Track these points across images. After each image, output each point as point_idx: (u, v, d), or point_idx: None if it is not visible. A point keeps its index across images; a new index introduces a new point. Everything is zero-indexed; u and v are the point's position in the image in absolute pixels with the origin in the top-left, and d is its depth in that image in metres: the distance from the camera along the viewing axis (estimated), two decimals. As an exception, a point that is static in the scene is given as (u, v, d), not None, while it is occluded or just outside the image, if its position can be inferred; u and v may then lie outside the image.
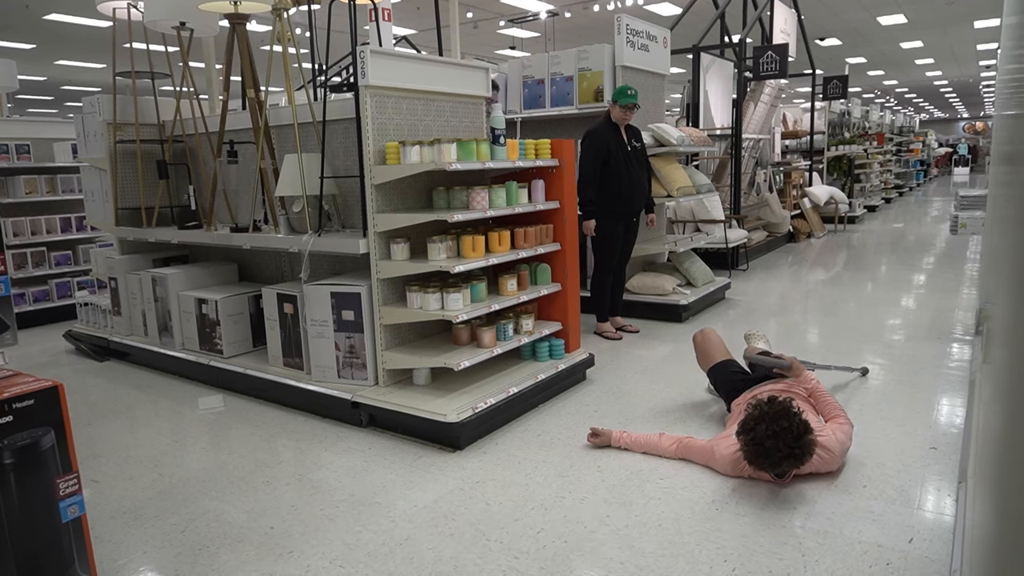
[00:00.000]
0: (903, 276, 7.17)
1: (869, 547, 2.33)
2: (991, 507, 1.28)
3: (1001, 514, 1.08)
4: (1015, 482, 0.94)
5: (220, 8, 3.94)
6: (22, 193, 6.18)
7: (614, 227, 4.95)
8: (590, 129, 4.93)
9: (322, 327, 3.64)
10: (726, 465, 2.85)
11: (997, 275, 2.18)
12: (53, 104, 22.86)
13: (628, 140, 4.96)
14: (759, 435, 2.59)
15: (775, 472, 2.67)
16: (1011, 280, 1.39)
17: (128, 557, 2.45)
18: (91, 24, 12.29)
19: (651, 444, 3.09)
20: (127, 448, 3.44)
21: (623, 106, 4.82)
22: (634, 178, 4.92)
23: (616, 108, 4.85)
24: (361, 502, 2.77)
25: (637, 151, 5.01)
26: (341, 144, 3.98)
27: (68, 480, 1.98)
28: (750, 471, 2.78)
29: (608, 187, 4.82)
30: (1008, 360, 1.25)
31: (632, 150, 4.96)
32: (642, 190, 5.05)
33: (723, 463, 2.86)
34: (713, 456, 2.89)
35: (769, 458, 2.60)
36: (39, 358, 5.25)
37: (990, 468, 1.45)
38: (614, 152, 4.82)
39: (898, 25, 15.46)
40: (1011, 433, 1.05)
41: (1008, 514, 0.97)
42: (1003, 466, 1.14)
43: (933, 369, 4.13)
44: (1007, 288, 1.52)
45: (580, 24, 14.17)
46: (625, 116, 4.87)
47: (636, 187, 4.95)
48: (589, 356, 4.13)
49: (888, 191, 16.25)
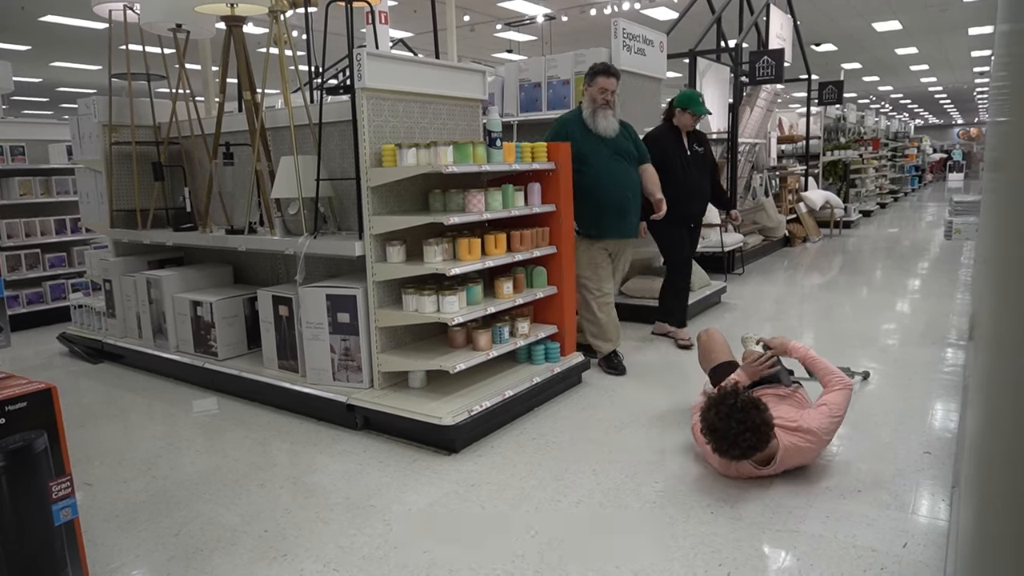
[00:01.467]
0: (898, 281, 7.20)
1: (863, 552, 2.33)
2: (984, 512, 1.29)
3: (994, 519, 1.08)
4: (1007, 487, 0.94)
5: (216, 10, 3.94)
6: (17, 195, 6.16)
7: (676, 231, 4.89)
8: (648, 133, 4.91)
9: (317, 329, 3.63)
10: (716, 462, 2.87)
11: (989, 280, 2.19)
12: (48, 106, 22.80)
13: (689, 144, 4.88)
14: (710, 421, 2.68)
15: (743, 457, 2.68)
16: (1000, 285, 1.39)
17: (121, 560, 2.44)
18: (87, 26, 12.27)
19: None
20: (120, 451, 3.42)
21: (694, 114, 4.78)
22: (692, 183, 4.81)
23: (686, 115, 4.79)
24: (356, 505, 2.77)
25: (698, 155, 4.91)
26: (337, 146, 3.98)
27: (61, 483, 1.97)
28: (745, 469, 2.79)
29: (664, 192, 4.55)
30: (994, 365, 1.26)
31: (692, 155, 4.87)
32: (702, 195, 4.96)
33: (713, 460, 2.88)
34: (708, 454, 2.90)
35: (727, 439, 2.64)
36: (33, 360, 5.23)
37: (983, 473, 1.46)
38: (671, 157, 4.73)
39: (893, 31, 15.54)
40: (1000, 437, 1.06)
41: (1001, 519, 0.98)
42: (995, 471, 1.14)
43: (927, 374, 4.14)
44: (996, 294, 1.53)
45: (577, 28, 14.20)
46: (692, 122, 4.83)
47: (694, 192, 4.86)
48: (585, 359, 4.13)
49: (883, 196, 16.31)
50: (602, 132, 4.23)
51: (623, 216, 4.30)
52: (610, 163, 4.26)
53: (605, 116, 4.23)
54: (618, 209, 4.27)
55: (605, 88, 4.23)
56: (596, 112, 4.23)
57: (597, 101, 4.23)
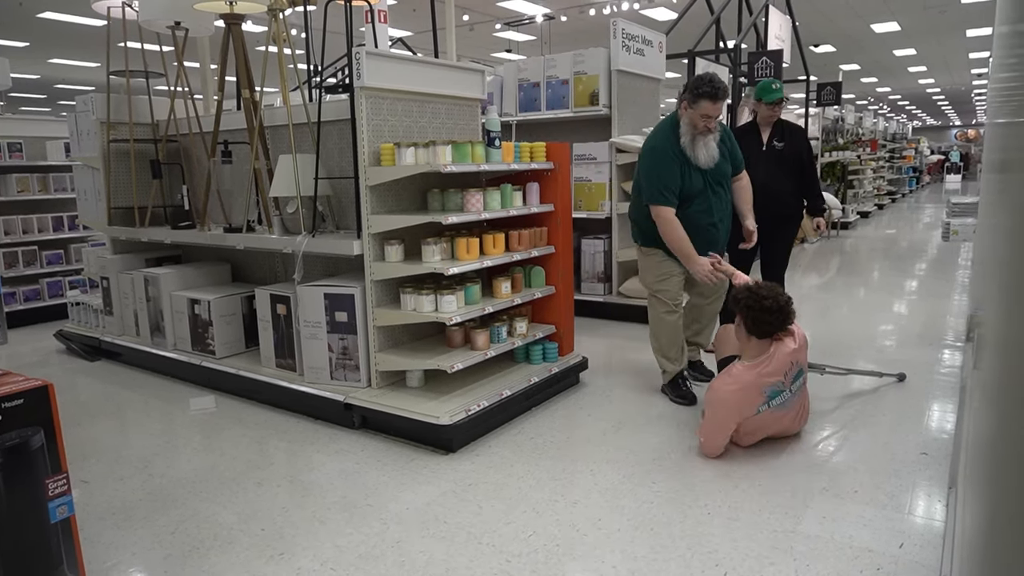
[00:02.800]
0: (895, 282, 7.21)
1: (860, 552, 2.33)
2: (981, 512, 1.29)
3: (991, 519, 1.08)
4: (1004, 487, 0.94)
5: (215, 8, 3.93)
6: (14, 191, 6.15)
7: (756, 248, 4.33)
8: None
9: (315, 328, 3.63)
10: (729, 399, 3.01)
11: (988, 282, 2.19)
12: (46, 103, 22.74)
13: (769, 140, 4.43)
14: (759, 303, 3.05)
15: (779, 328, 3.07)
16: (1001, 287, 1.40)
17: (117, 558, 2.43)
18: (85, 23, 12.24)
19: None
20: (117, 448, 3.42)
21: (768, 103, 4.33)
22: (768, 181, 4.24)
23: (762, 107, 4.37)
24: (353, 504, 2.76)
25: (775, 152, 4.41)
26: (336, 145, 3.98)
27: (57, 480, 1.96)
28: (767, 422, 3.08)
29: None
30: (999, 366, 1.26)
31: (768, 151, 4.41)
32: (781, 193, 4.37)
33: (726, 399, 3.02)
34: (717, 399, 3.05)
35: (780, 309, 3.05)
36: (29, 357, 5.22)
37: (980, 473, 1.46)
38: (745, 155, 4.04)
39: (891, 33, 15.55)
40: (1000, 439, 1.06)
41: (998, 520, 0.98)
42: (992, 471, 1.14)
43: (924, 375, 4.14)
44: (997, 295, 1.53)
45: (576, 28, 14.20)
46: (772, 114, 4.39)
47: (770, 190, 4.24)
48: (583, 359, 4.13)
49: (881, 197, 16.34)
50: (703, 164, 3.60)
51: (712, 244, 3.71)
52: (707, 196, 3.68)
53: (706, 144, 3.59)
54: (706, 240, 3.68)
55: (709, 115, 3.53)
56: (696, 140, 3.57)
57: (698, 128, 3.55)
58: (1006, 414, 1.03)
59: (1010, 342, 1.10)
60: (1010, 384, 1.03)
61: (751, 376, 3.02)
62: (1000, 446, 1.06)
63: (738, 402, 3.00)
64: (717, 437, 3.06)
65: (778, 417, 3.11)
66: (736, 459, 3.07)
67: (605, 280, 5.92)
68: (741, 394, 3.01)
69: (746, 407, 3.01)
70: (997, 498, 1.03)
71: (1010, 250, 1.25)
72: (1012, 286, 1.16)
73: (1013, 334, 1.07)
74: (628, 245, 5.93)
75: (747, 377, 3.03)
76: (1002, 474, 0.99)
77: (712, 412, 3.07)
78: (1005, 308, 1.27)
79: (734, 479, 2.88)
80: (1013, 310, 1.11)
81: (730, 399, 3.01)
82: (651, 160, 3.64)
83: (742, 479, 2.88)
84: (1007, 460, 0.95)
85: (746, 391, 3.01)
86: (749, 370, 3.04)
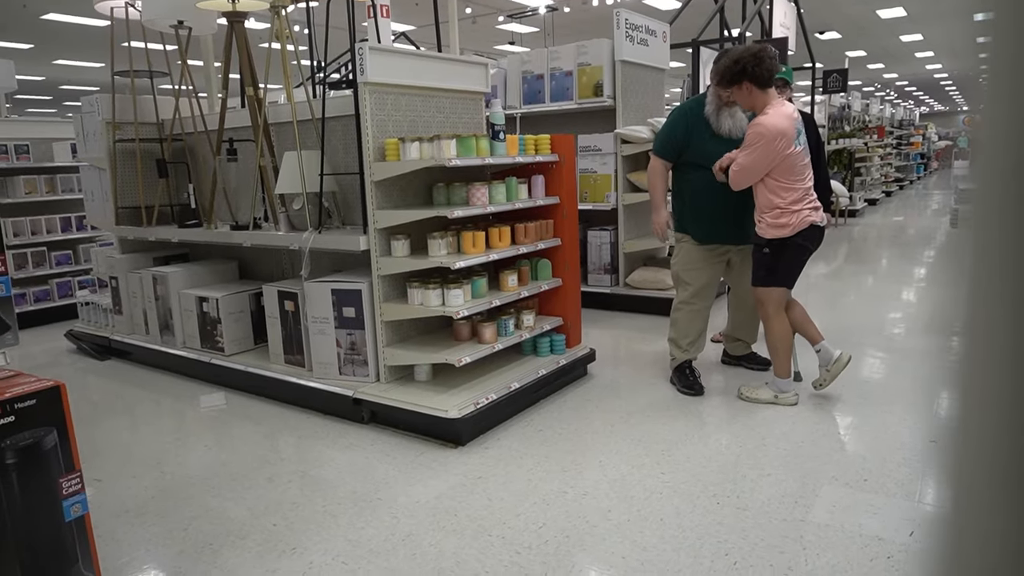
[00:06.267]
0: (903, 269, 7.17)
1: (870, 540, 2.33)
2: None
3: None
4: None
5: (218, 6, 3.93)
6: (22, 193, 6.18)
7: None
8: None
9: (323, 324, 3.64)
10: (778, 123, 3.25)
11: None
12: (52, 104, 22.85)
13: None
14: (748, 57, 3.28)
15: (775, 67, 3.31)
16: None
17: (131, 555, 2.46)
18: (89, 23, 12.27)
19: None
20: (129, 446, 3.44)
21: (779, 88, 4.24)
22: None
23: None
24: (363, 498, 2.78)
25: None
26: (341, 141, 3.98)
27: (71, 479, 1.98)
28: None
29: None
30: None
31: None
32: None
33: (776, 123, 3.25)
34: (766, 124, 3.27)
35: (758, 56, 3.26)
36: (41, 358, 5.26)
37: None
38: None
39: (898, 18, 15.41)
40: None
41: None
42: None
43: (933, 362, 4.13)
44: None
45: (579, 19, 14.14)
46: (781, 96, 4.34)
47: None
48: (590, 351, 4.13)
49: (888, 185, 16.23)
50: (725, 133, 3.66)
51: (739, 223, 3.72)
52: None
53: (732, 115, 3.65)
54: (734, 217, 3.72)
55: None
56: (721, 110, 3.65)
57: (722, 98, 3.64)
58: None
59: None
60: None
61: (781, 108, 3.32)
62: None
63: (784, 125, 3.25)
64: (766, 161, 3.30)
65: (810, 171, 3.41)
66: (744, 448, 3.07)
67: (612, 272, 5.91)
68: (784, 119, 3.28)
69: (791, 130, 3.27)
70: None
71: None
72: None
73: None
74: (634, 236, 5.92)
75: (781, 108, 3.32)
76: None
77: (764, 141, 3.27)
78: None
79: (743, 469, 2.88)
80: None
81: (778, 122, 3.26)
82: (668, 117, 3.94)
83: (751, 469, 2.88)
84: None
85: (787, 118, 3.29)
86: (778, 105, 3.34)
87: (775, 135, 3.25)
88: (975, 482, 0.41)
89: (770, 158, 3.29)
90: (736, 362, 4.22)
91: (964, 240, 0.40)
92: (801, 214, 3.35)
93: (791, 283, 3.51)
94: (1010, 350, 0.38)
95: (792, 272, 3.49)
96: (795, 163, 3.32)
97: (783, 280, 3.47)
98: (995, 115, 0.38)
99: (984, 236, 0.39)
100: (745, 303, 4.02)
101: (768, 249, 3.43)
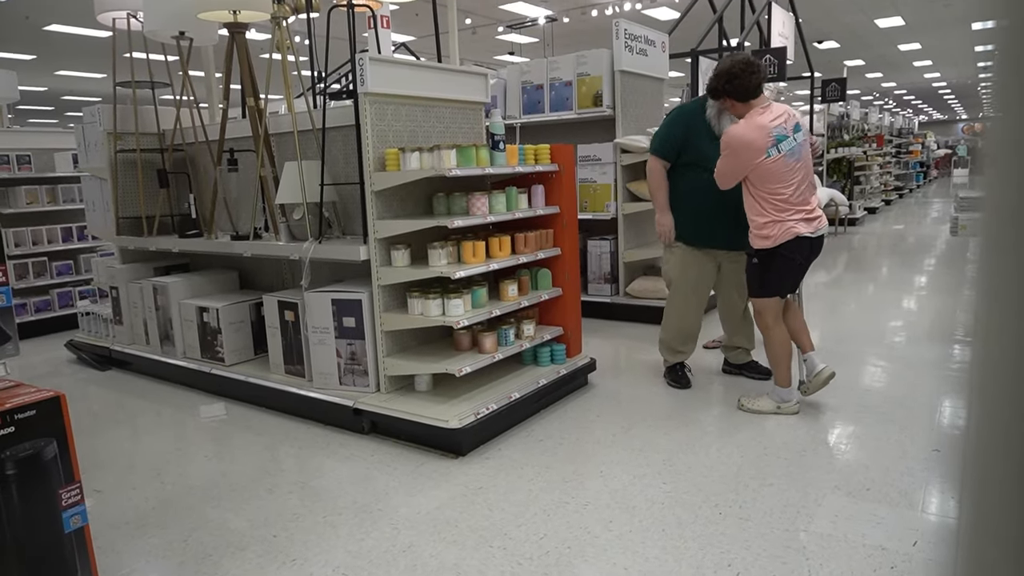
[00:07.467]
0: (904, 278, 7.17)
1: (873, 550, 2.32)
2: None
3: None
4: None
5: (219, 17, 3.95)
6: (23, 203, 6.19)
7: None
8: None
9: (323, 334, 3.64)
10: (744, 133, 3.30)
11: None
12: (54, 114, 22.93)
13: None
14: (730, 70, 3.39)
15: (760, 78, 3.39)
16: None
17: (131, 567, 2.45)
18: (91, 34, 12.33)
19: None
20: (129, 457, 3.44)
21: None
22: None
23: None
24: (364, 509, 2.77)
25: None
26: (341, 151, 3.99)
27: (70, 490, 1.98)
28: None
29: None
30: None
31: None
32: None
33: (742, 133, 3.31)
34: (734, 135, 3.32)
35: (740, 70, 3.34)
36: (41, 368, 5.25)
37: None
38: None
39: (896, 27, 15.49)
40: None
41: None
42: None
43: (935, 371, 4.12)
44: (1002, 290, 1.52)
45: (578, 29, 14.20)
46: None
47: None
48: (591, 361, 4.12)
49: (888, 193, 16.25)
50: None
51: (732, 228, 3.71)
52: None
53: (733, 119, 3.66)
54: (727, 221, 3.72)
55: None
56: (722, 113, 3.70)
57: (725, 104, 3.66)
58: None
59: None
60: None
61: (758, 117, 3.34)
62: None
63: (751, 137, 3.29)
64: (737, 169, 3.36)
65: (797, 179, 3.34)
66: (746, 458, 3.06)
67: (612, 281, 5.92)
68: (753, 130, 3.30)
69: (759, 141, 3.28)
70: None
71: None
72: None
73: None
74: (634, 246, 5.93)
75: (756, 119, 3.35)
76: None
77: (730, 151, 3.35)
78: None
79: (744, 479, 2.87)
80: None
81: (745, 133, 3.31)
82: (667, 117, 4.00)
83: (752, 478, 2.87)
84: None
85: (758, 129, 3.31)
86: (755, 115, 3.36)
87: (739, 145, 3.32)
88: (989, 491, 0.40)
89: (739, 166, 3.35)
90: (737, 371, 4.21)
91: (975, 249, 0.40)
92: (784, 225, 3.32)
93: (782, 294, 3.51)
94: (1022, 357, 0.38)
95: (781, 283, 3.48)
96: (772, 171, 3.30)
97: (773, 290, 3.47)
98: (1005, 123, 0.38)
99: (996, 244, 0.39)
100: (733, 310, 4.08)
101: (756, 259, 3.45)
